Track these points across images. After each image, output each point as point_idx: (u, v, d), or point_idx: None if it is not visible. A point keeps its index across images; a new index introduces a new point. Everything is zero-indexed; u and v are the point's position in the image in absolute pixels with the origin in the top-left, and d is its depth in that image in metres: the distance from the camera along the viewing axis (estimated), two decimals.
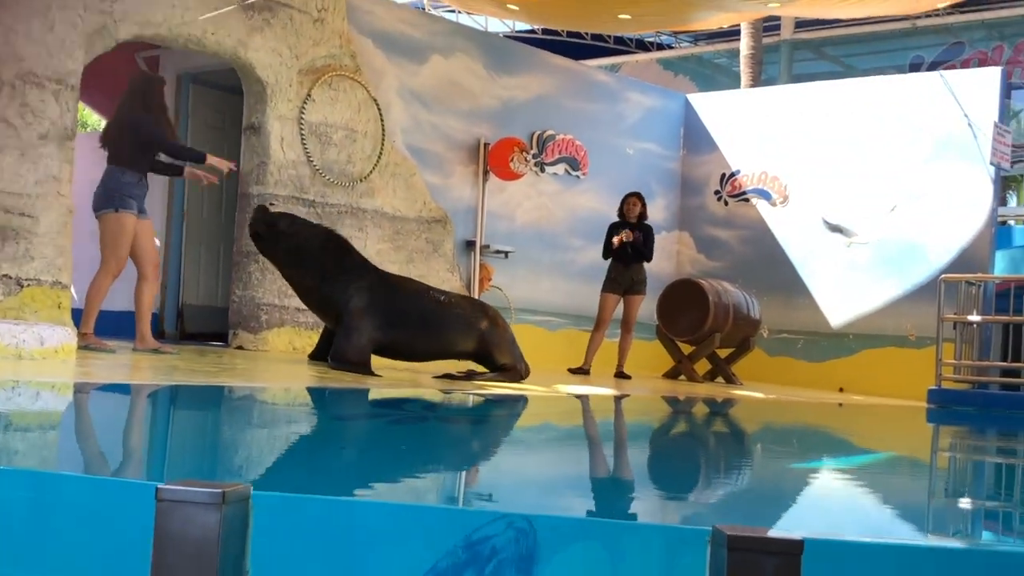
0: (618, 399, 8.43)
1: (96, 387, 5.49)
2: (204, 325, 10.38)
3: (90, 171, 7.86)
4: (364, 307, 7.50)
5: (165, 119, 7.70)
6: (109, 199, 7.37)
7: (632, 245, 10.28)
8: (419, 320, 7.70)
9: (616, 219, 10.64)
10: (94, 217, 7.50)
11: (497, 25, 18.28)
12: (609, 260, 10.53)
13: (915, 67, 17.93)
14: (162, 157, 7.79)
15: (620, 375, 10.53)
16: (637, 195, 10.63)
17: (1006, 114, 11.99)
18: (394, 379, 7.36)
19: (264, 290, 9.29)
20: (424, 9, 16.45)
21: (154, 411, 4.95)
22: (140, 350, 7.50)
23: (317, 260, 7.61)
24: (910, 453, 6.23)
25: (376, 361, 7.61)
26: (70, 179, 8.01)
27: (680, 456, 4.84)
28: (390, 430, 4.81)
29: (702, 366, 11.44)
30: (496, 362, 7.89)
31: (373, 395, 6.36)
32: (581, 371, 10.40)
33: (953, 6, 14.83)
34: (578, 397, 8.00)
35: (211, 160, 7.74)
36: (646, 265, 10.63)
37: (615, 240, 10.28)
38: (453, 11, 16.50)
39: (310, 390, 6.34)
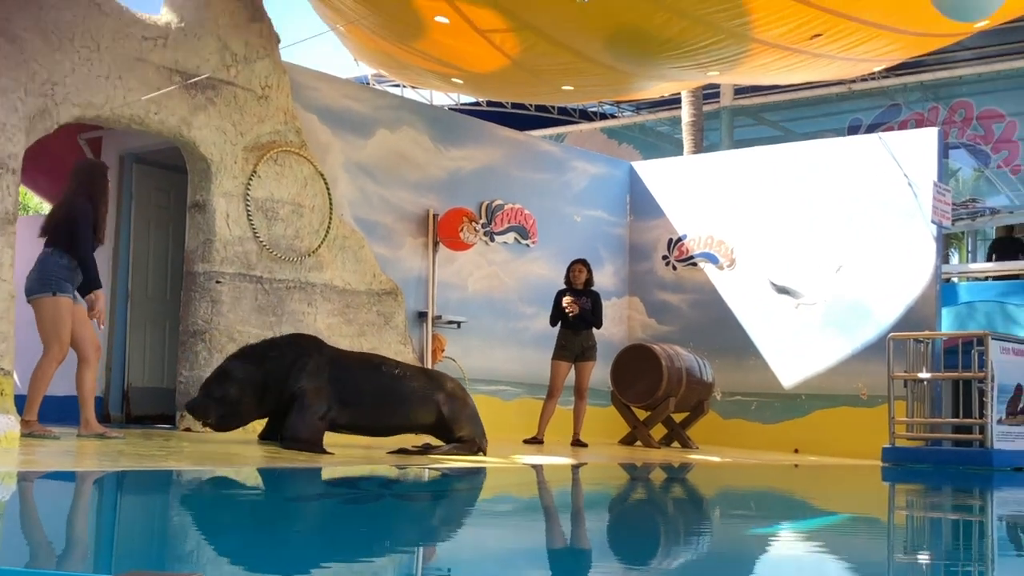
0: (575, 468, 8.36)
1: (41, 475, 5.34)
2: (150, 407, 10.18)
3: (30, 255, 7.73)
4: (317, 386, 7.43)
5: (103, 208, 7.60)
6: (46, 283, 7.25)
7: (580, 315, 10.29)
8: (374, 396, 7.62)
9: (563, 286, 10.67)
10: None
11: (442, 98, 18.41)
12: (558, 327, 10.53)
13: (854, 130, 18.25)
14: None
15: (577, 443, 10.47)
16: (583, 262, 10.69)
17: (945, 173, 12.22)
18: (348, 456, 7.25)
19: (211, 370, 9.14)
20: (369, 84, 16.55)
21: (101, 499, 4.81)
22: (85, 435, 7.33)
23: (262, 387, 7.56)
24: (868, 513, 6.22)
25: (330, 438, 7.50)
26: (12, 263, 7.86)
27: (639, 525, 4.78)
28: (345, 510, 4.71)
29: (658, 431, 11.40)
30: (454, 435, 7.81)
31: (327, 474, 6.25)
32: (535, 441, 10.33)
33: (888, 69, 15.18)
34: (535, 467, 7.93)
35: (99, 296, 7.48)
36: (596, 331, 10.65)
37: (567, 309, 10.28)
38: (398, 85, 16.61)
39: (261, 471, 6.22)
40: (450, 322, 11.36)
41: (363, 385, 7.64)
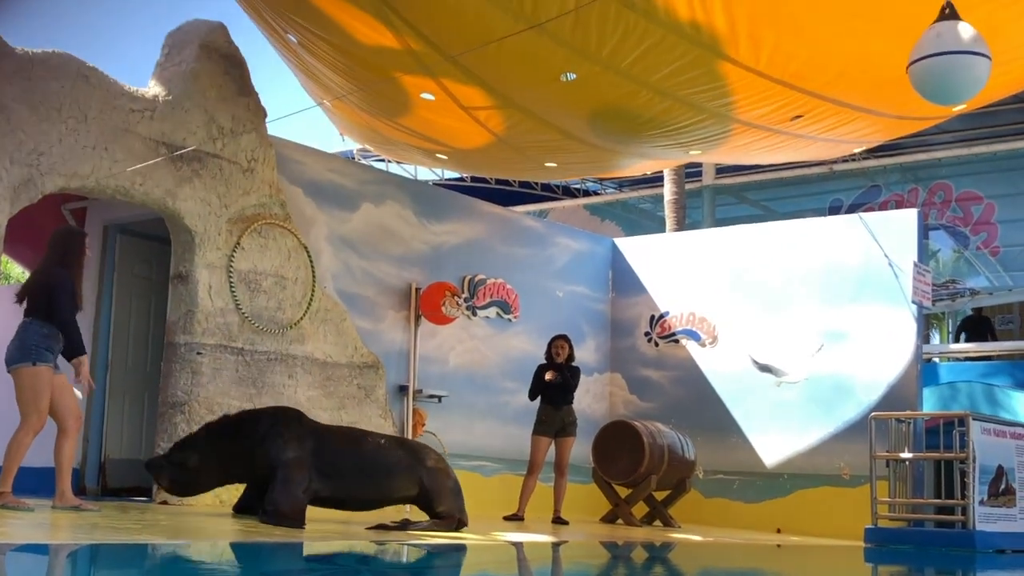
0: (556, 546, 8.27)
1: (13, 548, 5.24)
2: (127, 479, 10.04)
3: (11, 324, 7.67)
4: (298, 458, 7.37)
5: (78, 274, 7.56)
6: (26, 353, 7.18)
7: (561, 383, 10.32)
8: (356, 468, 7.56)
9: (544, 361, 10.67)
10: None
11: (426, 173, 18.55)
12: (538, 403, 10.49)
13: (834, 210, 18.43)
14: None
15: (558, 520, 10.37)
16: (564, 337, 10.71)
17: (925, 253, 12.32)
18: (325, 531, 7.15)
19: None
20: (354, 158, 16.66)
21: (73, 574, 4.73)
22: (60, 507, 7.22)
23: (235, 454, 7.53)
24: None
25: (308, 512, 7.40)
26: None
27: None
28: None
29: (639, 509, 11.31)
30: (434, 509, 7.72)
31: (304, 549, 6.16)
32: (515, 518, 10.22)
33: (868, 151, 15.38)
34: (515, 545, 7.84)
35: (83, 361, 7.43)
36: (575, 405, 10.62)
37: (548, 377, 10.27)
38: (383, 160, 16.72)
39: (236, 546, 6.12)
40: (431, 396, 11.31)
41: (345, 457, 7.58)
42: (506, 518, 10.20)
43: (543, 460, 10.49)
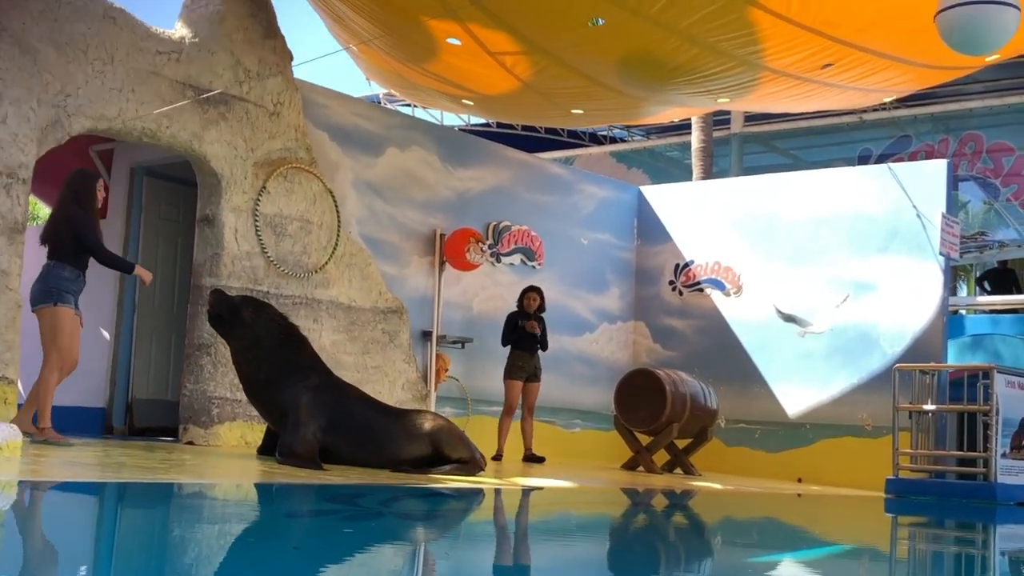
0: (574, 492, 8.33)
1: (42, 486, 5.34)
2: (153, 419, 10.18)
3: (39, 264, 7.75)
4: (310, 404, 7.42)
5: (94, 217, 7.64)
6: (48, 294, 7.30)
7: (538, 335, 10.72)
8: (364, 427, 7.59)
9: (515, 309, 10.91)
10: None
11: (452, 119, 18.48)
12: (509, 349, 10.79)
13: (864, 159, 18.28)
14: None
15: (531, 457, 10.56)
16: (536, 289, 10.99)
17: (954, 205, 12.21)
18: (347, 476, 7.22)
19: (216, 383, 9.15)
20: (380, 103, 16.60)
21: (101, 512, 4.81)
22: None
23: (271, 356, 7.57)
24: (869, 544, 6.19)
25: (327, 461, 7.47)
26: (19, 273, 7.90)
27: (639, 551, 4.76)
28: (345, 527, 4.69)
29: (660, 457, 11.37)
30: (451, 458, 7.77)
31: (326, 491, 6.23)
32: (497, 457, 10.42)
33: (899, 100, 15.19)
34: (535, 490, 7.90)
35: (138, 271, 7.72)
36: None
37: (529, 328, 10.61)
38: (409, 105, 16.66)
39: (260, 486, 6.21)
40: (454, 342, 11.36)
41: (354, 414, 7.62)
42: (493, 458, 10.29)
43: (518, 401, 10.78)
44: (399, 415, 7.94)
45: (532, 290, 10.94)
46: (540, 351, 10.88)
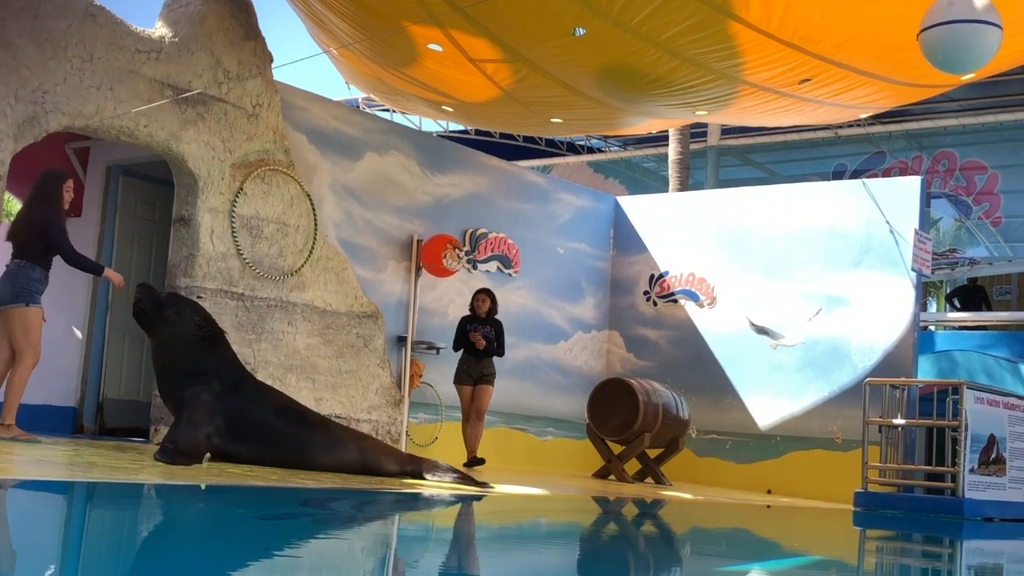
0: (544, 500, 8.34)
1: (10, 485, 5.31)
2: (124, 420, 10.12)
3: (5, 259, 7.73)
4: (208, 406, 7.24)
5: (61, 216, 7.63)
6: (19, 294, 7.32)
7: (488, 345, 10.52)
8: (271, 437, 7.42)
9: (468, 313, 10.82)
10: None
11: (431, 125, 18.49)
12: (460, 353, 10.67)
13: (838, 175, 18.43)
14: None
15: (473, 461, 10.42)
16: (487, 291, 10.89)
17: (926, 222, 12.33)
18: (318, 479, 7.21)
19: None
20: (359, 107, 16.60)
21: (70, 512, 4.79)
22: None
23: (182, 356, 7.44)
24: (836, 556, 6.24)
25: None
26: None
27: (608, 560, 4.78)
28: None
29: (632, 466, 11.41)
30: (386, 470, 7.62)
31: (296, 496, 6.22)
32: (477, 461, 10.31)
33: (874, 117, 15.33)
34: (510, 496, 7.91)
35: (108, 274, 7.74)
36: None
37: (476, 343, 10.42)
38: (388, 110, 16.66)
39: (232, 489, 6.19)
40: (429, 348, 11.36)
41: (259, 423, 7.43)
42: (466, 464, 10.21)
43: (468, 405, 10.66)
44: (321, 427, 7.74)
45: (483, 292, 10.84)
46: (497, 356, 10.71)
